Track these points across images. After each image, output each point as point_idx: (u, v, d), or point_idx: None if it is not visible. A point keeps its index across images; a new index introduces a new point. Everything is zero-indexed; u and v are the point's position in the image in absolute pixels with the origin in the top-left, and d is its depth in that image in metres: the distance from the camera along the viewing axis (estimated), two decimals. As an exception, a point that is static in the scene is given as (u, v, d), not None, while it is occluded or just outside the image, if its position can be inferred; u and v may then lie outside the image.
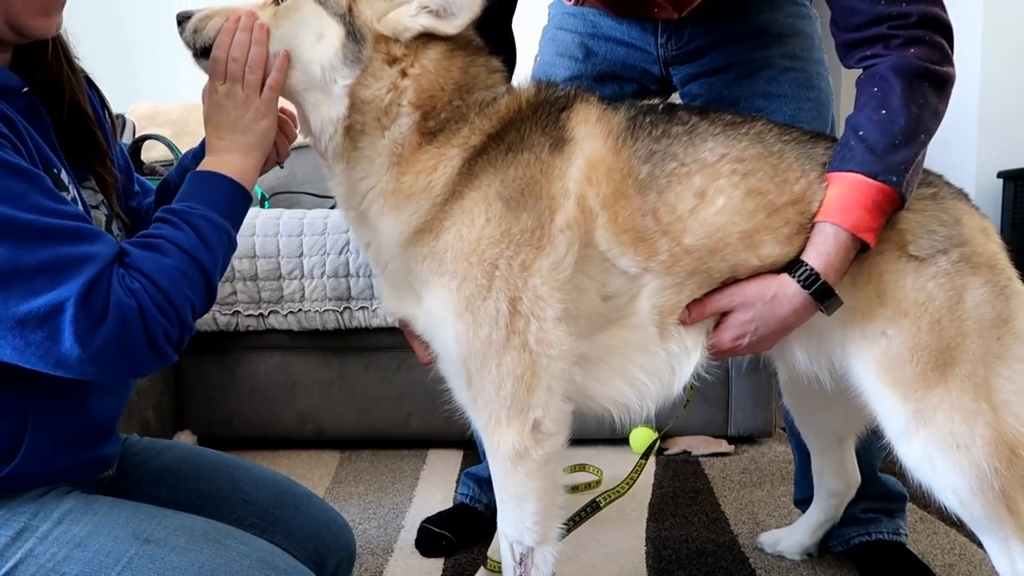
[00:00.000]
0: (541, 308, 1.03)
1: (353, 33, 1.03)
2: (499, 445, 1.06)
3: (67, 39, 1.04)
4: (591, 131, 1.09)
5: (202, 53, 1.06)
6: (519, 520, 1.09)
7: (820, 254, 1.07)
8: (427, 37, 1.05)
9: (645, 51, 1.50)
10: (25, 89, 0.96)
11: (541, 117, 1.08)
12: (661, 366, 1.13)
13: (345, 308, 2.31)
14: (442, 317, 1.05)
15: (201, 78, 1.05)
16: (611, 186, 1.06)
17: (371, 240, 1.11)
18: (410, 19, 1.04)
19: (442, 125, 1.06)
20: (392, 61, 1.05)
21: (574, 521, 1.32)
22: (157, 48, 3.54)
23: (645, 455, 1.45)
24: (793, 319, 1.10)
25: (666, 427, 1.45)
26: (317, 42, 1.04)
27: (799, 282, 1.07)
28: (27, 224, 0.80)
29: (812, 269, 1.07)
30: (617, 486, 1.45)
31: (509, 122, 1.07)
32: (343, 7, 1.04)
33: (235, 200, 1.00)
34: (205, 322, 2.34)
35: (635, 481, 1.43)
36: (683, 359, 1.13)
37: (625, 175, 1.07)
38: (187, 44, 1.08)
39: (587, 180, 1.06)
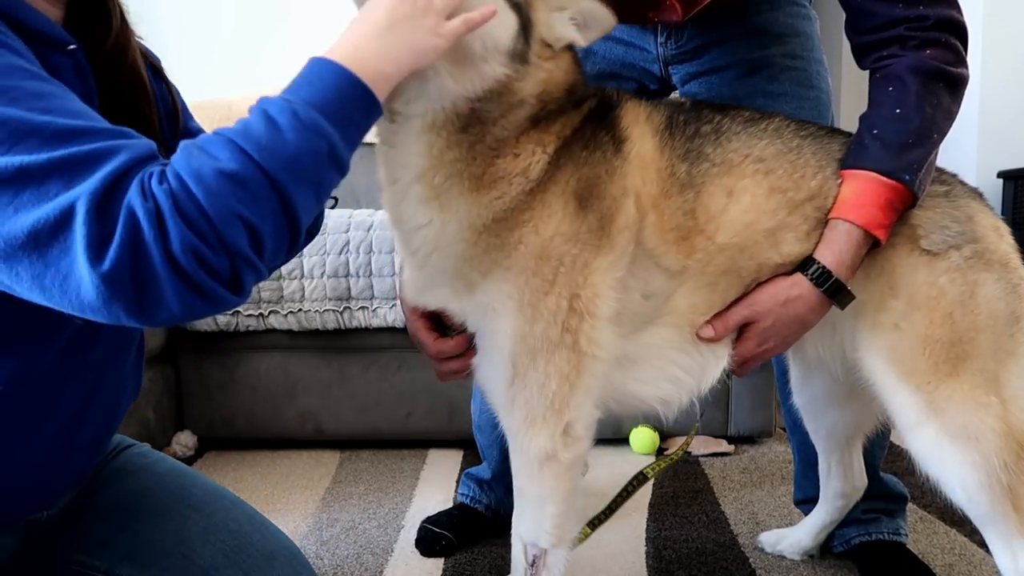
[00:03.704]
0: (596, 306, 1.04)
1: (525, 28, 1.00)
2: (529, 447, 1.06)
3: (128, 17, 0.97)
4: (642, 130, 1.10)
5: None
6: (538, 522, 1.09)
7: (832, 251, 1.08)
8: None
9: (644, 50, 1.50)
10: (72, 47, 0.85)
11: (603, 116, 1.09)
12: (694, 364, 1.14)
13: (345, 308, 2.31)
14: (500, 310, 1.03)
15: (201, 79, 1.04)
16: (659, 185, 1.08)
17: (431, 220, 1.03)
18: (564, 27, 1.05)
19: (545, 117, 1.05)
20: (542, 62, 1.05)
21: (622, 496, 1.29)
22: (157, 48, 3.53)
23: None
24: (811, 317, 1.11)
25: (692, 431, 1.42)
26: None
27: (812, 280, 1.08)
28: (44, 125, 0.66)
29: (824, 267, 1.08)
30: (669, 454, 1.39)
31: (586, 119, 1.08)
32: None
33: (350, 102, 0.74)
34: (205, 322, 2.34)
35: (685, 449, 1.38)
36: (712, 360, 1.14)
37: (669, 174, 1.09)
38: None
39: (641, 180, 1.07)
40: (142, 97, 0.95)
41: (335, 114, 0.73)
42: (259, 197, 0.67)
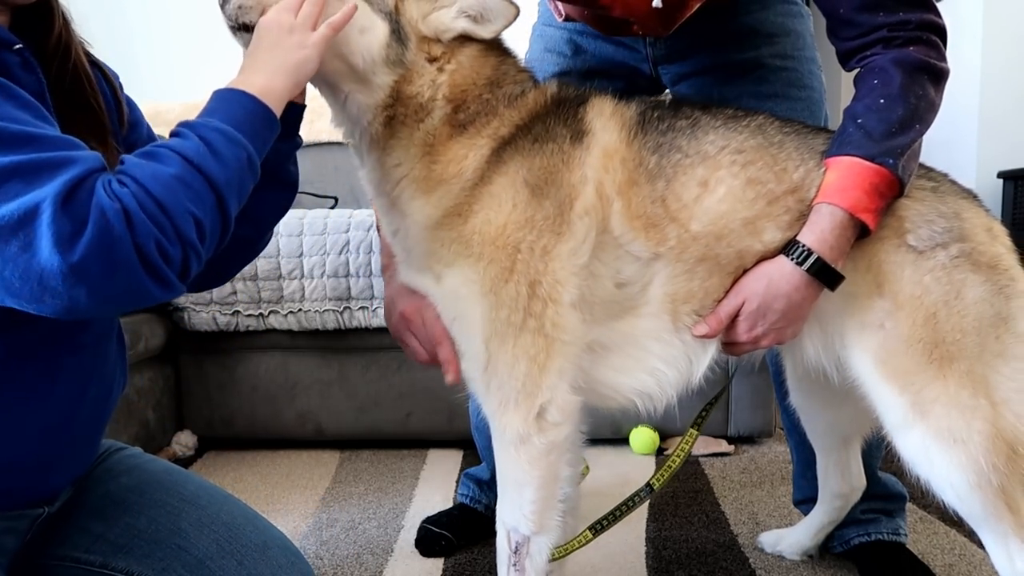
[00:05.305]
0: (558, 292, 1.07)
1: (398, 32, 1.07)
2: (504, 429, 1.09)
3: (70, 17, 1.02)
4: (606, 123, 1.14)
5: (242, 28, 1.04)
6: (517, 507, 1.11)
7: (814, 232, 1.09)
8: (464, 36, 1.11)
9: (634, 49, 1.50)
10: (19, 46, 0.91)
11: (563, 111, 1.13)
12: (678, 355, 1.15)
13: (345, 308, 2.31)
14: (466, 297, 1.09)
15: (200, 79, 1.05)
16: (625, 174, 1.11)
17: (400, 226, 1.15)
18: (451, 20, 1.09)
19: (472, 118, 1.11)
20: (431, 59, 1.10)
21: (627, 506, 1.28)
22: (157, 47, 3.54)
23: (696, 424, 1.34)
24: (797, 298, 1.10)
25: (709, 406, 1.36)
26: (360, 35, 1.06)
27: (794, 261, 1.09)
28: (0, 129, 0.74)
29: (805, 246, 1.08)
30: (668, 462, 1.35)
31: (536, 115, 1.12)
32: (389, 5, 1.07)
33: (255, 118, 0.91)
34: (205, 322, 2.34)
35: (686, 453, 1.34)
36: (699, 350, 1.15)
37: (637, 164, 1.12)
38: (229, 18, 1.05)
39: (604, 168, 1.10)
40: (88, 89, 1.03)
41: (247, 129, 0.89)
42: (202, 196, 0.82)
